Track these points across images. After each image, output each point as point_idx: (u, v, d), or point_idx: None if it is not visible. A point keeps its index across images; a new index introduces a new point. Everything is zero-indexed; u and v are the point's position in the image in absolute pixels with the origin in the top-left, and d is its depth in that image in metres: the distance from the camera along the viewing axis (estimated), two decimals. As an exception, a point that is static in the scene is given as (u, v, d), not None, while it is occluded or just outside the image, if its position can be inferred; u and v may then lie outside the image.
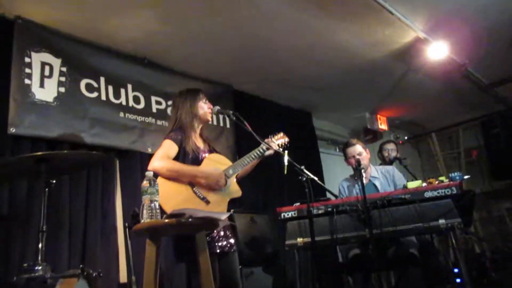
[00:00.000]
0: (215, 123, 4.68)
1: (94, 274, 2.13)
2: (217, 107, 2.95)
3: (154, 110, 4.18)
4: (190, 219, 2.12)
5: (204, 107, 2.88)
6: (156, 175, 2.41)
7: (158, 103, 4.24)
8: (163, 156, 2.61)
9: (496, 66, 5.30)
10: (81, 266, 2.08)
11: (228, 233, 2.74)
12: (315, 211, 2.94)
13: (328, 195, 3.13)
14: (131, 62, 4.11)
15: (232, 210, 2.73)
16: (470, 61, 5.03)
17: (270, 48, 4.34)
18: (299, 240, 2.98)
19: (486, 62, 5.12)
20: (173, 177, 2.56)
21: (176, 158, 2.68)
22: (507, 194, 6.74)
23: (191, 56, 4.33)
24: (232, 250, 2.73)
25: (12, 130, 3.20)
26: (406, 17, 4.01)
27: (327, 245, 2.97)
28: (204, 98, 2.91)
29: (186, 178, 2.59)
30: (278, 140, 3.04)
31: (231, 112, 2.93)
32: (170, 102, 4.20)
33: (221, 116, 4.71)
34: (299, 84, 5.27)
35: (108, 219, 3.56)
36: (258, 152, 2.87)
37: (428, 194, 2.77)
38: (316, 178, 2.74)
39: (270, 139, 2.98)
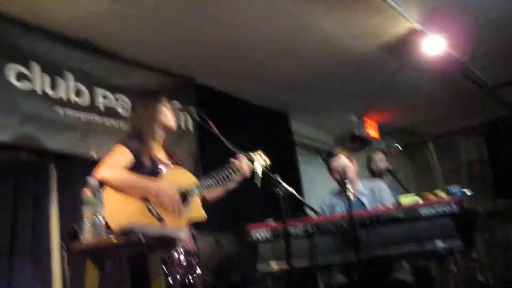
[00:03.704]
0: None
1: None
2: (176, 102, 2.93)
3: (100, 106, 4.11)
4: (141, 237, 2.08)
5: (167, 114, 2.87)
6: (101, 184, 2.35)
7: (104, 97, 4.17)
8: (114, 164, 2.58)
9: (500, 65, 5.48)
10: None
11: (193, 261, 2.71)
12: (292, 231, 2.94)
13: (308, 211, 3.14)
14: (70, 46, 4.01)
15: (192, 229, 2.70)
16: (471, 58, 5.17)
17: (241, 36, 4.35)
18: (273, 265, 2.97)
19: (489, 60, 5.29)
20: (123, 190, 2.51)
21: (130, 169, 2.63)
22: (514, 215, 6.88)
23: (144, 43, 4.28)
24: (198, 282, 2.70)
25: None
26: (399, 4, 4.08)
27: (307, 271, 2.97)
28: (167, 103, 2.90)
29: (136, 192, 2.54)
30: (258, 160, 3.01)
31: (194, 109, 2.92)
32: (119, 96, 4.16)
33: (181, 116, 4.65)
34: (274, 80, 5.30)
35: (40, 238, 3.45)
36: (225, 175, 2.84)
37: (424, 212, 2.81)
38: (293, 191, 2.75)
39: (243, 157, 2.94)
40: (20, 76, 3.63)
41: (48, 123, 3.70)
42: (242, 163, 2.89)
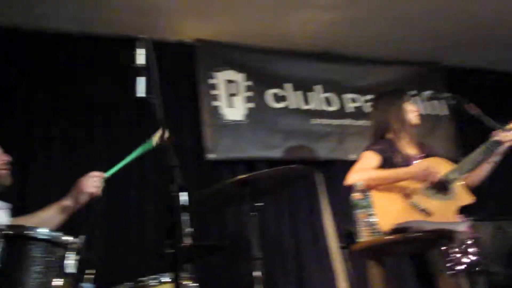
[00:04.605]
0: (426, 112, 4.45)
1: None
2: (429, 92, 2.83)
3: (350, 110, 4.26)
4: (418, 234, 2.05)
5: (409, 111, 2.82)
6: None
7: (352, 100, 4.30)
8: (363, 168, 2.67)
9: None
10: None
11: (469, 249, 2.56)
12: None
13: None
14: (314, 60, 4.28)
15: (470, 218, 2.54)
16: None
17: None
18: None
19: None
20: (376, 185, 2.55)
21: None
22: None
23: (379, 40, 4.25)
24: (477, 270, 2.53)
25: (210, 156, 3.65)
26: None
27: None
28: (409, 99, 2.86)
29: (388, 182, 2.57)
30: None
31: (448, 95, 2.76)
32: (367, 97, 4.23)
33: (434, 103, 4.44)
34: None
35: (320, 240, 3.72)
36: (491, 145, 2.62)
37: None
38: None
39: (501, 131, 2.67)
40: (277, 98, 4.04)
41: (307, 134, 4.01)
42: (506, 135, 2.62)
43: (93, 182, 2.35)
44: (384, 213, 2.41)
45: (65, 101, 3.45)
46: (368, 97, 4.25)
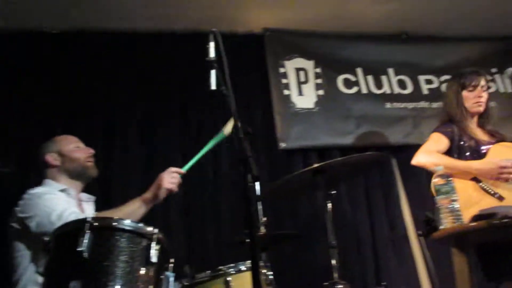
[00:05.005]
0: (505, 89, 4.22)
1: (398, 293, 2.19)
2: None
3: (425, 92, 4.11)
4: (506, 220, 1.94)
5: (469, 98, 2.72)
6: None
7: (428, 82, 4.15)
8: (430, 150, 2.64)
9: None
10: (383, 284, 2.17)
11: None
12: None
13: None
14: (386, 42, 4.17)
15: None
16: None
17: None
18: None
19: None
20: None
21: (448, 154, 2.64)
22: None
23: (456, 16, 4.04)
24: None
25: (282, 145, 3.66)
26: None
27: None
28: (473, 83, 2.73)
29: (456, 172, 2.49)
30: None
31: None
32: (443, 78, 4.05)
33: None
34: None
35: (397, 228, 3.63)
36: None
37: None
38: None
39: None
40: (348, 83, 3.97)
41: (381, 119, 3.92)
42: None
43: (171, 178, 2.45)
44: (462, 198, 2.33)
45: (142, 95, 3.61)
46: (444, 78, 4.06)
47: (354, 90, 3.96)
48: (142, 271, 1.57)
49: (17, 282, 2.20)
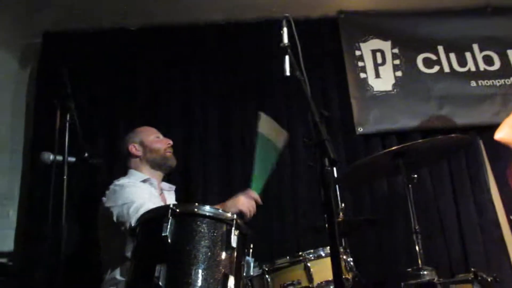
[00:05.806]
0: None
1: (489, 279, 2.09)
2: None
3: (514, 68, 3.83)
4: None
5: None
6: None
7: (518, 56, 3.86)
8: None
9: None
10: (472, 270, 2.08)
11: None
12: None
13: None
14: (470, 16, 3.93)
15: None
16: None
17: None
18: None
19: None
20: None
21: None
22: None
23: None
24: None
25: (360, 129, 3.60)
26: None
27: None
28: None
29: None
30: None
31: None
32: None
33: None
34: None
35: (486, 213, 3.44)
36: None
37: None
38: None
39: None
40: (429, 62, 3.80)
41: (464, 99, 3.71)
42: None
43: (249, 204, 2.47)
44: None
45: (219, 87, 3.70)
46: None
47: (435, 69, 3.78)
48: (223, 255, 1.62)
49: (107, 267, 2.34)
